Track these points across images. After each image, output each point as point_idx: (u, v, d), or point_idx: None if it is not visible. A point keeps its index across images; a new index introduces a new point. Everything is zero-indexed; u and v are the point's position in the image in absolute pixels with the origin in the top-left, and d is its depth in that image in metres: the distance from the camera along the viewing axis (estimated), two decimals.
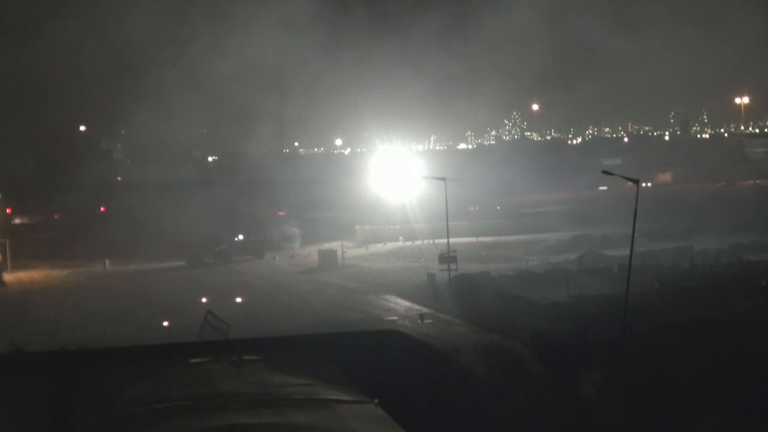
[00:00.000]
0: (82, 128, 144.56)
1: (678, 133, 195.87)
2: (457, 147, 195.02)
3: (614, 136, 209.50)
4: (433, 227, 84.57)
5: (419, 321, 47.27)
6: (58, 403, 26.38)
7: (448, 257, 63.49)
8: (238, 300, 59.29)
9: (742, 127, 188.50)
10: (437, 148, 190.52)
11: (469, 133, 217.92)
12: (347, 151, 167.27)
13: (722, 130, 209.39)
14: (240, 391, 24.69)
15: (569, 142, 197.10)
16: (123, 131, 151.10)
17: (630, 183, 40.81)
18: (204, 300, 57.18)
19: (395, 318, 49.35)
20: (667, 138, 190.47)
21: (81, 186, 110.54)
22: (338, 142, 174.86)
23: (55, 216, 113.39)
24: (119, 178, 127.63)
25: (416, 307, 52.69)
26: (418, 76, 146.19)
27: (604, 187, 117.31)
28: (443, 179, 67.81)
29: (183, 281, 72.00)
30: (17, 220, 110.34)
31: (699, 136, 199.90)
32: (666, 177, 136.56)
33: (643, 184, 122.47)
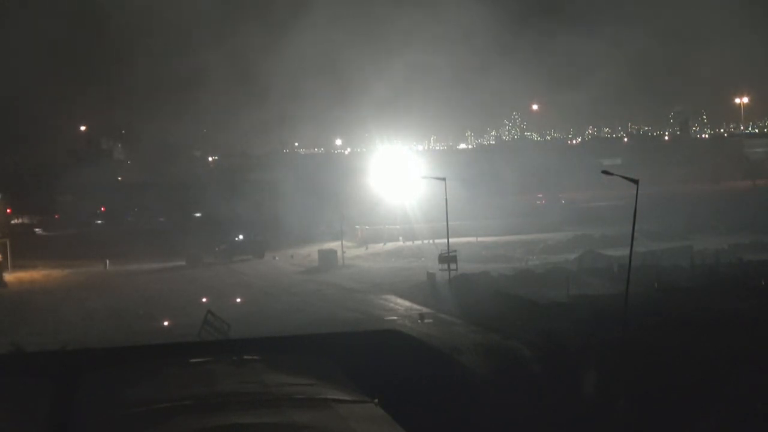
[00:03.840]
0: (82, 128, 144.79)
1: (678, 133, 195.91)
2: (457, 147, 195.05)
3: (614, 136, 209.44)
4: (432, 227, 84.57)
5: (419, 321, 47.27)
6: (58, 403, 26.39)
7: (448, 257, 63.46)
8: (238, 300, 59.32)
9: (742, 127, 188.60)
10: (437, 148, 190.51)
11: (469, 133, 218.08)
12: (347, 151, 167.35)
13: (722, 130, 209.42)
14: (240, 391, 24.67)
15: (569, 142, 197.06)
16: (123, 131, 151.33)
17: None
18: (204, 300, 57.20)
19: (395, 318, 49.36)
20: (666, 138, 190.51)
21: (81, 186, 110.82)
22: (338, 142, 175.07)
23: (55, 216, 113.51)
24: (119, 178, 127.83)
25: (416, 306, 52.70)
26: (419, 76, 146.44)
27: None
28: (443, 179, 67.79)
29: (183, 281, 72.02)
30: (17, 220, 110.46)
31: (699, 136, 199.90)
32: None
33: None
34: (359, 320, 48.46)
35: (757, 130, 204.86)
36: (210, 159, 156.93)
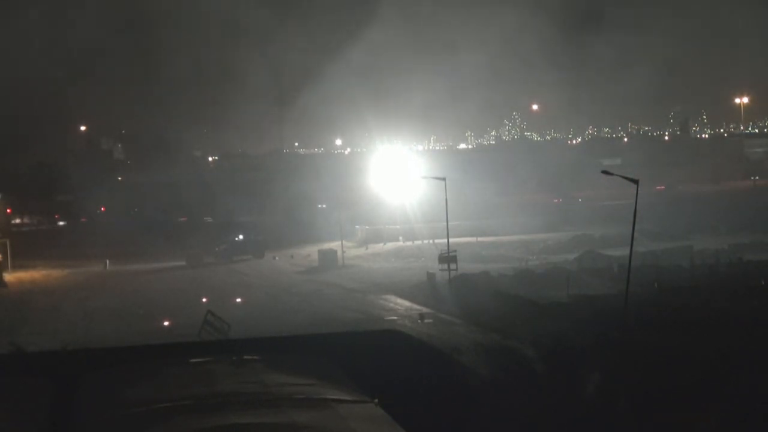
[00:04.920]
0: (82, 128, 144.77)
1: (678, 133, 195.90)
2: (457, 147, 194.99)
3: (614, 136, 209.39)
4: (433, 227, 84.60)
5: (419, 321, 47.28)
6: (58, 403, 26.39)
7: (448, 257, 63.47)
8: (238, 300, 59.31)
9: (742, 127, 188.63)
10: (437, 148, 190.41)
11: (469, 133, 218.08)
12: (347, 151, 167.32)
13: (722, 130, 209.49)
14: (240, 391, 24.69)
15: (569, 142, 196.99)
16: (123, 131, 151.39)
17: None
18: (204, 300, 57.19)
19: (395, 318, 49.36)
20: (666, 138, 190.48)
21: (81, 186, 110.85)
22: (338, 142, 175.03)
23: (55, 216, 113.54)
24: (119, 178, 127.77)
25: (416, 306, 52.70)
26: (418, 76, 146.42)
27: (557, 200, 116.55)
28: (443, 179, 67.81)
29: (183, 281, 72.01)
30: (17, 220, 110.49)
31: (698, 136, 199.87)
32: None
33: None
34: (359, 320, 48.47)
35: (757, 130, 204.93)
36: (210, 159, 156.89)
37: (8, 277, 77.00)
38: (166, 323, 51.14)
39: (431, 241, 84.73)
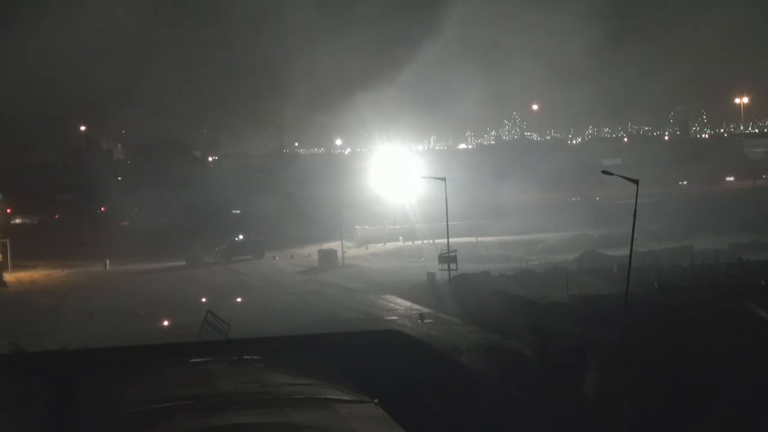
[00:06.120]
0: (82, 128, 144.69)
1: (678, 133, 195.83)
2: (457, 147, 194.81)
3: (614, 136, 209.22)
4: (433, 227, 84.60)
5: (419, 321, 47.31)
6: (58, 403, 26.39)
7: (448, 257, 63.48)
8: (238, 300, 59.34)
9: (742, 127, 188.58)
10: (437, 148, 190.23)
11: (469, 133, 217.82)
12: (347, 151, 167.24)
13: (722, 130, 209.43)
14: (240, 391, 24.72)
15: (569, 142, 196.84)
16: (123, 131, 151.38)
17: None
18: (204, 300, 57.22)
19: (395, 318, 49.39)
20: (666, 138, 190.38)
21: (81, 186, 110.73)
22: (338, 142, 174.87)
23: (55, 216, 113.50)
24: (119, 178, 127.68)
25: (416, 306, 52.72)
26: (418, 77, 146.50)
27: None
28: (443, 179, 67.81)
29: (183, 281, 72.04)
30: (17, 220, 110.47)
31: (698, 136, 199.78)
32: None
33: None
34: (359, 320, 48.49)
35: (757, 130, 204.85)
36: (210, 159, 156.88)
37: (8, 277, 77.04)
38: (166, 323, 51.16)
39: (431, 241, 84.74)
